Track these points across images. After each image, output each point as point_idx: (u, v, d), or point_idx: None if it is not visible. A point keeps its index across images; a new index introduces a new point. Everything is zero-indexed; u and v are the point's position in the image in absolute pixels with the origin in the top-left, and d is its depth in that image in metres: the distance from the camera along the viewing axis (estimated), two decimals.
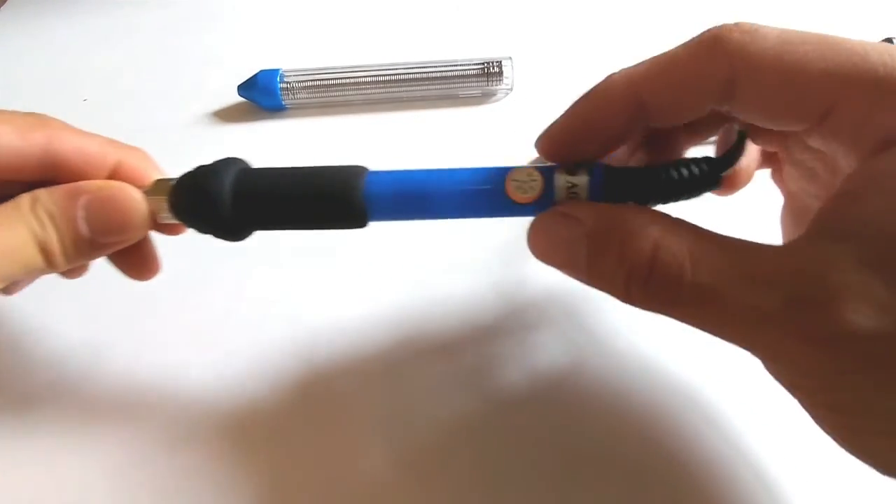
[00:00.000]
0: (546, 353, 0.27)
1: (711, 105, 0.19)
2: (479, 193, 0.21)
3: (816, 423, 0.18)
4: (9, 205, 0.21)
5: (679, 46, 0.19)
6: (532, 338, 0.28)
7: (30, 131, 0.21)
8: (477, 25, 0.42)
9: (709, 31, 0.19)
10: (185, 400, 0.26)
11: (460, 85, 0.37)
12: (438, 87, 0.37)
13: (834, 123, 0.18)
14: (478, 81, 0.37)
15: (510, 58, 0.37)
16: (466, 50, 0.39)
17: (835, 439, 0.18)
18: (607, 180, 0.20)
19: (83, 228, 0.21)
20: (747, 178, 0.23)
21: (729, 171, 0.20)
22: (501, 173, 0.21)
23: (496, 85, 0.37)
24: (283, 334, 0.28)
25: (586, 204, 0.20)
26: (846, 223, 0.17)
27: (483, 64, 0.37)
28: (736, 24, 0.19)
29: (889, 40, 0.34)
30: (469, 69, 0.37)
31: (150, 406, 0.26)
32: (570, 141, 0.21)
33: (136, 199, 0.22)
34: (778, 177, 0.25)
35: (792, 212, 0.24)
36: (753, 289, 0.16)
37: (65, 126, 0.23)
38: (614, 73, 0.20)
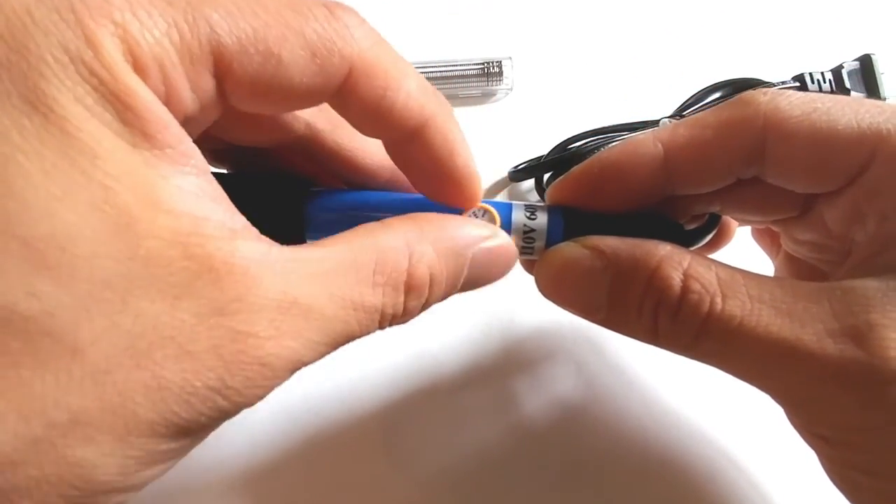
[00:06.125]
0: (560, 383, 0.27)
1: (739, 168, 0.19)
2: None
3: (837, 484, 0.17)
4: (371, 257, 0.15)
5: (708, 111, 0.19)
6: (543, 370, 0.28)
7: (328, 56, 0.15)
8: (477, 25, 0.42)
9: (738, 96, 0.19)
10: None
11: (460, 85, 0.37)
12: (438, 87, 0.37)
13: (870, 179, 0.17)
14: (478, 81, 0.37)
15: (510, 58, 0.37)
16: (466, 50, 0.39)
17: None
18: (568, 223, 0.20)
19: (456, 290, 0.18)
20: (728, 240, 0.23)
21: (694, 247, 0.20)
22: (457, 209, 0.20)
23: (496, 85, 0.37)
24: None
25: (605, 237, 0.19)
26: (892, 262, 0.16)
27: (483, 64, 0.37)
28: (763, 90, 0.18)
29: (799, 77, 0.33)
30: (469, 69, 0.37)
31: None
32: (590, 188, 0.20)
33: (513, 249, 0.19)
34: (765, 242, 0.25)
35: (787, 265, 0.24)
36: (789, 321, 0.16)
37: (375, 40, 0.16)
38: (642, 134, 0.20)
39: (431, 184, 0.19)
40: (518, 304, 0.29)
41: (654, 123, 0.32)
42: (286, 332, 0.14)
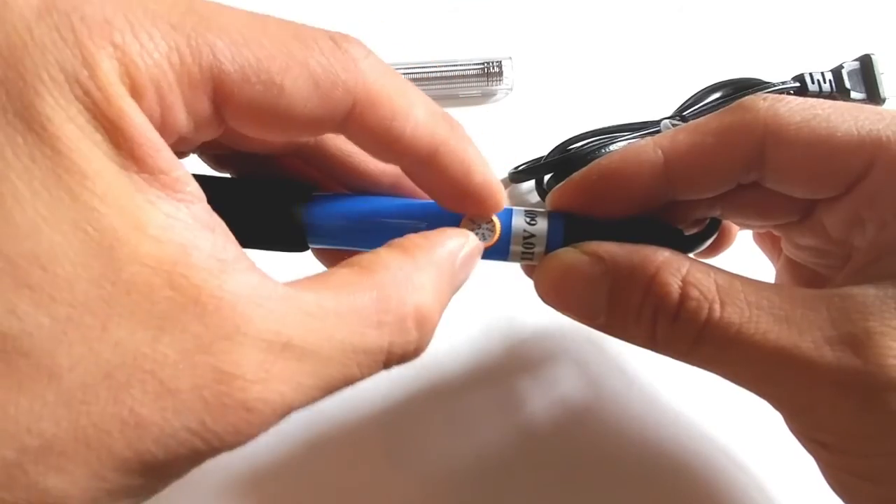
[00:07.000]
0: (561, 383, 0.27)
1: (739, 174, 0.19)
2: None
3: (835, 490, 0.17)
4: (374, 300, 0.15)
5: (708, 117, 0.19)
6: (544, 370, 0.28)
7: (332, 88, 0.15)
8: (477, 25, 0.42)
9: (737, 102, 0.19)
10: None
11: (460, 85, 0.37)
12: (438, 87, 0.37)
13: (869, 186, 0.17)
14: (478, 81, 0.37)
15: (510, 58, 0.37)
16: (466, 50, 0.39)
17: None
18: (568, 229, 0.20)
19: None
20: (729, 244, 0.23)
21: (694, 252, 0.20)
22: (457, 215, 0.20)
23: (496, 85, 0.37)
24: None
25: (604, 243, 0.19)
26: (891, 269, 0.16)
27: (483, 64, 0.37)
28: (763, 96, 0.18)
29: (799, 77, 0.33)
30: (469, 69, 0.37)
31: None
32: (590, 194, 0.20)
33: (480, 245, 0.19)
34: (767, 246, 0.25)
35: (788, 270, 0.24)
36: (787, 328, 0.16)
37: (381, 71, 0.16)
38: (642, 140, 0.20)
39: (454, 201, 0.19)
40: (518, 304, 0.29)
41: (655, 124, 0.32)
42: (276, 375, 0.13)
